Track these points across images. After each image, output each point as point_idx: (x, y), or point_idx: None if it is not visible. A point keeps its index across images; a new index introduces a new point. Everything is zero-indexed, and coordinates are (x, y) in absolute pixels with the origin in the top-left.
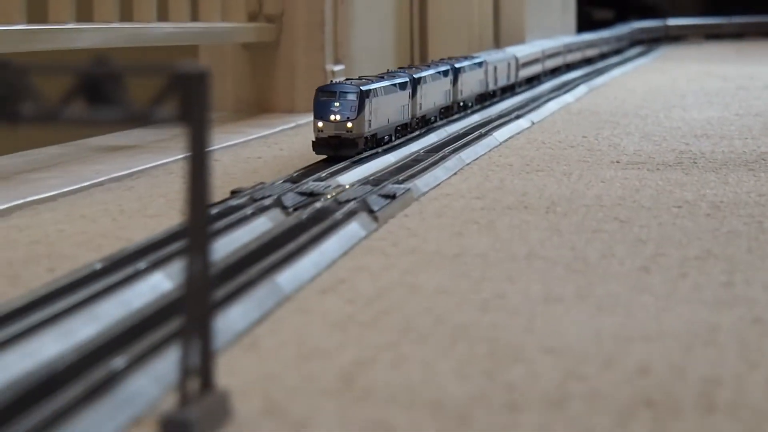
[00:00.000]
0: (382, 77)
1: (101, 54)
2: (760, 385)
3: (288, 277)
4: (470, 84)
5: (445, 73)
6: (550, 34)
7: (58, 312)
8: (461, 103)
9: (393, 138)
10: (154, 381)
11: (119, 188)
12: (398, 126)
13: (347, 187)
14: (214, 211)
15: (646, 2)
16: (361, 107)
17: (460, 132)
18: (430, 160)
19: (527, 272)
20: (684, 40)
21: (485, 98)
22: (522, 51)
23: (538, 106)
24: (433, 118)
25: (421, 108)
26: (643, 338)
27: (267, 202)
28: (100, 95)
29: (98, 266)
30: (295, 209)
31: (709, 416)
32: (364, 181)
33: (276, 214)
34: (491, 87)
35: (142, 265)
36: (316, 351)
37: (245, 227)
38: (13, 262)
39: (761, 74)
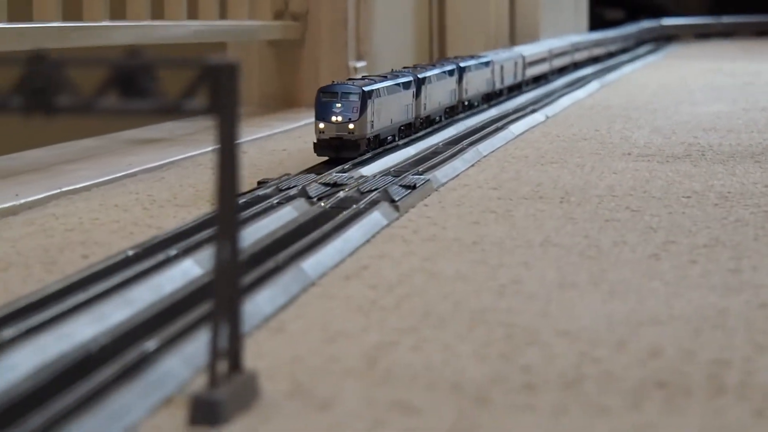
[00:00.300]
0: (386, 77)
1: (134, 48)
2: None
3: (313, 263)
4: (476, 83)
5: (451, 73)
6: (563, 33)
7: (92, 296)
8: (466, 103)
9: (397, 138)
10: (184, 363)
11: (151, 179)
12: (402, 126)
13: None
14: (242, 200)
15: (655, 2)
16: (363, 108)
17: (478, 125)
18: (449, 152)
19: (543, 259)
20: (677, 39)
21: (491, 97)
22: (529, 50)
23: (552, 101)
24: (438, 118)
25: (425, 108)
26: (654, 322)
27: (292, 192)
28: (133, 87)
29: (130, 253)
30: (320, 199)
31: (719, 397)
32: (386, 172)
33: (301, 203)
34: (498, 86)
35: (172, 251)
36: (340, 334)
37: (272, 216)
38: (49, 249)
39: (764, 68)
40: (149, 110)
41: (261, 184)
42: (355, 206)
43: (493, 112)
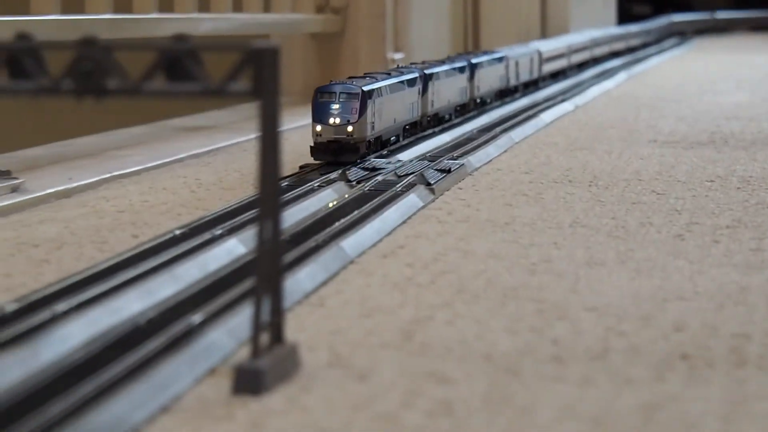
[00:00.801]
0: (389, 74)
1: (182, 35)
2: None
3: (352, 242)
4: (489, 80)
5: (461, 69)
6: (593, 27)
7: (141, 273)
8: (478, 100)
9: (401, 138)
10: (229, 335)
11: (197, 164)
12: (407, 125)
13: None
14: (285, 183)
15: None
16: (363, 109)
17: (511, 114)
18: (483, 138)
19: (572, 239)
20: (684, 35)
21: (506, 94)
22: (546, 46)
23: (581, 91)
24: (447, 116)
25: (433, 105)
26: (678, 298)
27: (333, 176)
28: (179, 70)
29: (178, 233)
30: (359, 182)
31: (740, 369)
32: (422, 157)
33: (341, 186)
34: (512, 82)
35: (217, 231)
36: (377, 309)
37: (313, 198)
38: (101, 229)
39: None
40: (194, 92)
41: (303, 168)
42: (392, 189)
43: (524, 101)
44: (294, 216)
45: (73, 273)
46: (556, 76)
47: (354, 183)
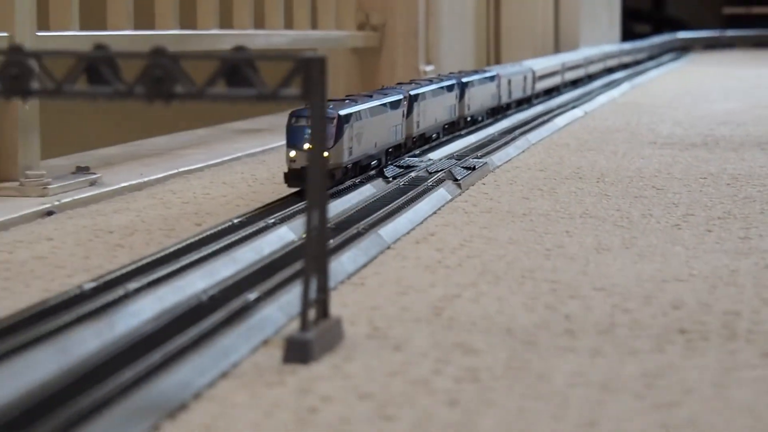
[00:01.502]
0: (371, 96)
1: (241, 46)
2: None
3: (389, 230)
4: (480, 98)
5: (450, 88)
6: (599, 44)
7: (203, 256)
8: (469, 118)
9: (383, 161)
10: (280, 310)
11: (254, 162)
12: (390, 148)
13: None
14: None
15: (676, 18)
16: (339, 133)
17: (528, 119)
18: (503, 140)
19: (582, 228)
20: (692, 49)
21: (498, 111)
22: (539, 64)
23: (590, 99)
24: (435, 134)
25: (418, 126)
26: (676, 280)
27: (372, 173)
28: (238, 77)
29: (236, 221)
30: (394, 178)
31: (731, 342)
32: (450, 156)
33: (379, 182)
34: (504, 100)
35: (271, 220)
36: (410, 288)
37: (355, 192)
38: (167, 218)
39: None
40: (251, 97)
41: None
42: (424, 184)
43: (539, 108)
44: (339, 207)
45: (144, 256)
46: (551, 92)
47: (390, 179)
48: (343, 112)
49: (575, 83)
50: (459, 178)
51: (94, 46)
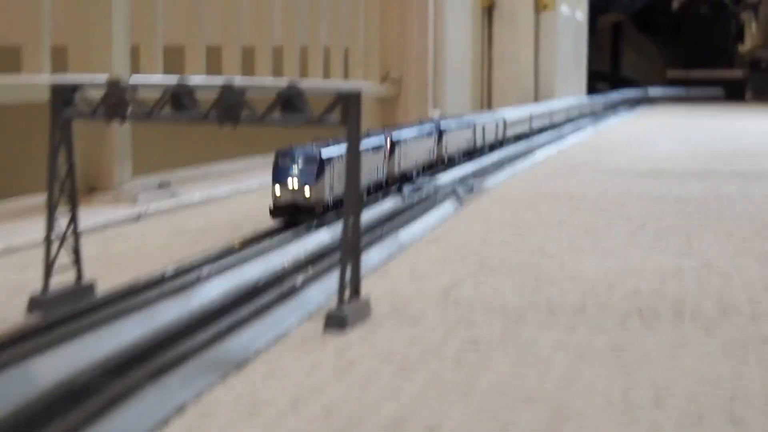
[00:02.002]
0: None
1: (293, 80)
2: (712, 303)
3: (406, 234)
4: (456, 142)
5: (429, 134)
6: (570, 95)
7: (260, 250)
8: (446, 160)
9: (364, 198)
10: (321, 292)
11: None
12: (371, 186)
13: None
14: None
15: (628, 78)
16: (320, 173)
17: (511, 154)
18: (495, 169)
19: (558, 233)
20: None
21: (474, 153)
22: (510, 114)
23: (561, 140)
24: (415, 173)
25: (399, 166)
26: (634, 273)
27: (391, 191)
28: (291, 106)
29: (283, 225)
30: (409, 195)
31: (679, 321)
32: (453, 180)
33: (398, 199)
34: (479, 144)
35: (312, 225)
36: (423, 277)
37: (379, 206)
38: (233, 222)
39: (703, 123)
40: (301, 122)
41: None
42: (433, 199)
43: (523, 145)
44: (366, 216)
45: (214, 249)
46: (520, 138)
47: (406, 196)
48: (325, 155)
49: (545, 129)
50: (461, 196)
51: (177, 80)
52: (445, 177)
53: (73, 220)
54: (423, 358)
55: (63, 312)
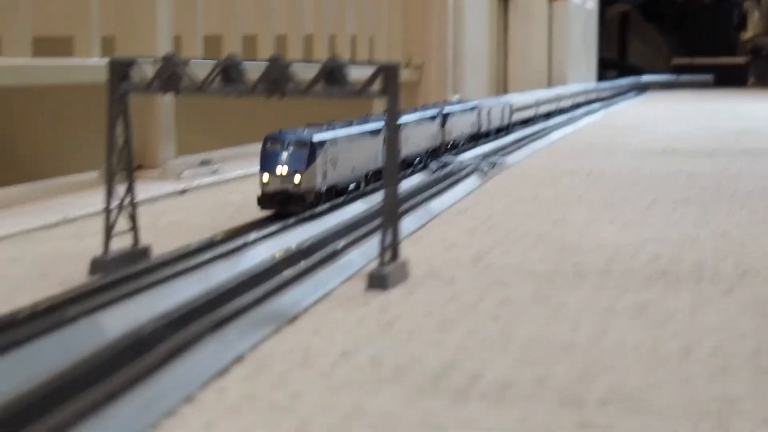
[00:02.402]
0: (351, 123)
1: (336, 54)
2: (730, 267)
3: (436, 204)
4: (460, 126)
5: (432, 118)
6: (583, 80)
7: (301, 219)
8: (450, 144)
9: (362, 185)
10: (361, 255)
11: None
12: (370, 173)
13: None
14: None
15: (635, 66)
16: (311, 158)
17: (530, 134)
18: (514, 147)
19: (578, 206)
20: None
21: (479, 137)
22: (517, 99)
23: (575, 121)
24: (417, 159)
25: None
26: (653, 241)
27: (419, 167)
28: (334, 79)
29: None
30: (436, 170)
31: (699, 282)
32: (477, 156)
33: (427, 173)
34: (484, 128)
35: (350, 197)
36: (454, 244)
37: (409, 180)
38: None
39: (710, 107)
40: (344, 94)
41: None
42: (458, 174)
43: (538, 127)
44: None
45: (257, 219)
46: (526, 123)
47: (434, 171)
48: (316, 139)
49: (553, 114)
50: (484, 171)
51: (226, 56)
52: (470, 153)
53: (131, 188)
54: (461, 314)
55: (124, 272)
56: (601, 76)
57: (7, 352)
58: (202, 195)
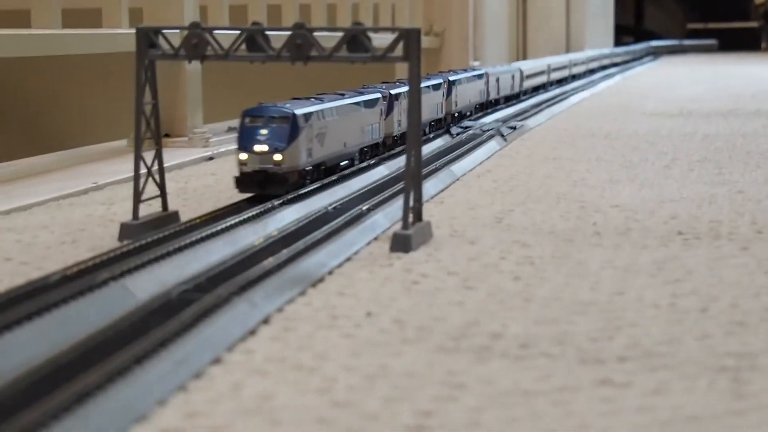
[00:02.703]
0: (342, 95)
1: (359, 21)
2: (746, 224)
3: (457, 167)
4: (467, 95)
5: (436, 87)
6: (599, 47)
7: (326, 183)
8: (456, 114)
9: (356, 162)
10: (385, 217)
11: None
12: (366, 147)
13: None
14: None
15: (651, 31)
16: (293, 134)
17: (549, 98)
18: (534, 110)
19: (597, 167)
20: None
21: (487, 106)
22: (527, 65)
23: (593, 85)
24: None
25: (399, 125)
26: (671, 201)
27: (440, 132)
28: (357, 44)
29: (346, 163)
30: (458, 135)
31: (716, 240)
32: (497, 120)
33: (447, 138)
34: (493, 96)
35: (372, 161)
36: (476, 205)
37: (431, 144)
38: None
39: (725, 70)
40: (367, 58)
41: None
42: (479, 138)
43: (557, 91)
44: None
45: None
46: (538, 89)
47: (454, 135)
48: (299, 112)
49: (537, 89)
50: (505, 135)
51: (251, 23)
52: (490, 117)
53: (159, 154)
54: (484, 273)
55: (154, 235)
56: (618, 41)
57: (40, 316)
58: (229, 161)
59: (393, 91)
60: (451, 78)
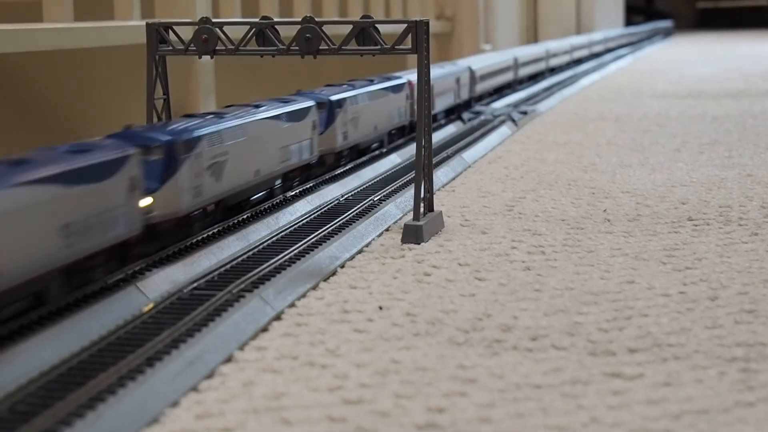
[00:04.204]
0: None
1: (368, 15)
2: (756, 209)
3: (469, 154)
4: (368, 123)
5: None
6: (610, 27)
7: (339, 173)
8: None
9: (386, 143)
10: (396, 207)
11: None
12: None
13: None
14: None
15: (662, 11)
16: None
17: (561, 80)
18: (544, 94)
19: (608, 151)
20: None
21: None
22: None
23: (603, 67)
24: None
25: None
26: (681, 185)
27: (452, 117)
28: (366, 37)
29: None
30: (470, 120)
31: (727, 225)
32: (508, 105)
33: (459, 124)
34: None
35: (384, 150)
36: (488, 193)
37: (442, 131)
38: None
39: (735, 49)
40: (375, 51)
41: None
42: (491, 124)
43: (569, 73)
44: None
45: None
46: (535, 77)
47: (466, 121)
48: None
49: (534, 77)
50: (516, 120)
51: (261, 17)
52: (500, 102)
53: None
54: (495, 263)
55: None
56: (629, 21)
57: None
58: None
59: (334, 98)
60: (333, 97)
